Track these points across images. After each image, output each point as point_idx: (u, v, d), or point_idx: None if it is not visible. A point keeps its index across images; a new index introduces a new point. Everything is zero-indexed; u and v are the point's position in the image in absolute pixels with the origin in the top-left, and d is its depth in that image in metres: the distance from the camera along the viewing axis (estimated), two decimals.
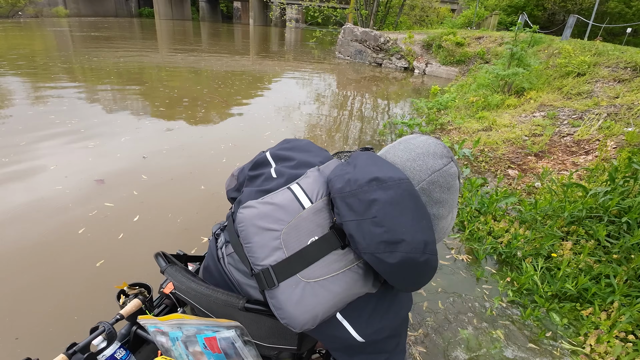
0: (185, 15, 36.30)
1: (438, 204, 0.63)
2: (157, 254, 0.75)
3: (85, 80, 6.40)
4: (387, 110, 6.28)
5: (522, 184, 2.99)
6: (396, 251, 0.53)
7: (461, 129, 4.48)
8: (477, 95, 5.46)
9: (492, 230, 2.37)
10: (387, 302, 0.63)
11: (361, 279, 0.59)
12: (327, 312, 0.57)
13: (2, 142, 3.43)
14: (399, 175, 0.58)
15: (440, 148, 0.63)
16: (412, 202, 0.57)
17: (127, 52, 10.31)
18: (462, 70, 9.45)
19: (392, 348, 0.65)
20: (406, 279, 0.57)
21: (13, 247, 2.08)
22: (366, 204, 0.56)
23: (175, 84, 6.59)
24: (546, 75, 5.47)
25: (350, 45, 12.93)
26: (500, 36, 9.52)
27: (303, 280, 0.58)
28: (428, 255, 0.55)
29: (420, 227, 0.56)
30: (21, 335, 1.56)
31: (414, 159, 0.62)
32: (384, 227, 0.54)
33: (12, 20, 21.24)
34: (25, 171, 2.94)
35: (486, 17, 14.81)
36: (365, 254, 0.56)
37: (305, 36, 24.09)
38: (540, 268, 1.98)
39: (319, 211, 0.63)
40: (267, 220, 0.62)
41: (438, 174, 0.61)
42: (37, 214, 2.40)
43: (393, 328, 0.63)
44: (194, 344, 0.69)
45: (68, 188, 2.72)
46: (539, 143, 3.57)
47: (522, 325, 1.78)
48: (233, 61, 10.42)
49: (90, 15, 29.36)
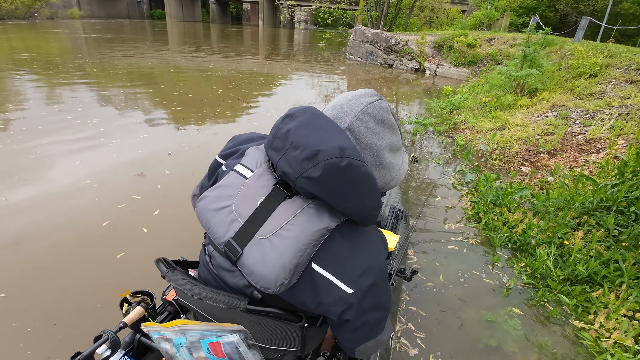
0: (195, 16, 36.79)
1: (376, 134, 0.66)
2: (157, 260, 0.74)
3: (101, 81, 6.69)
4: (400, 110, 6.43)
5: (535, 180, 3.13)
6: (317, 163, 0.55)
7: (474, 128, 4.62)
8: (490, 95, 5.59)
9: (507, 221, 2.52)
10: (357, 240, 0.63)
11: (315, 216, 0.59)
12: (295, 259, 0.57)
13: (25, 143, 3.54)
14: (305, 106, 0.66)
15: (371, 90, 0.69)
16: (321, 121, 0.62)
17: (141, 53, 10.65)
18: (473, 71, 9.54)
19: (383, 303, 0.64)
20: (347, 193, 0.57)
21: (41, 243, 2.16)
22: (283, 138, 0.61)
23: (190, 84, 6.83)
24: (558, 76, 5.58)
25: (361, 46, 13.10)
26: (512, 38, 9.59)
27: (262, 239, 0.60)
28: (349, 159, 0.55)
29: (333, 137, 0.58)
30: (57, 321, 1.66)
31: (349, 100, 0.67)
32: (301, 147, 0.57)
33: (28, 21, 21.92)
34: (52, 167, 3.12)
35: (497, 19, 14.82)
36: (297, 181, 0.58)
37: (315, 38, 24.33)
38: (553, 255, 2.13)
39: (261, 175, 0.67)
40: (218, 201, 0.67)
41: (370, 106, 0.65)
42: (66, 207, 2.54)
43: (374, 270, 0.62)
44: (198, 349, 0.68)
45: (96, 182, 2.88)
46: (551, 141, 3.70)
47: (536, 304, 1.94)
48: (244, 62, 10.68)
49: (103, 16, 30.02)
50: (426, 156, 3.98)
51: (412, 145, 4.36)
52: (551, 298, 1.95)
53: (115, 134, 3.99)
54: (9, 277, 1.88)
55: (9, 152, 3.35)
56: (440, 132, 4.76)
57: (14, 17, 22.02)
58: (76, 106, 4.89)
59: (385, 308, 0.66)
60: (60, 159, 3.28)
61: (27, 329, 1.60)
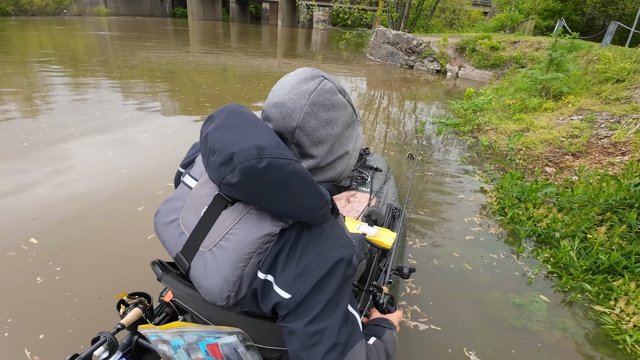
0: (216, 15, 37.47)
1: (329, 123, 0.59)
2: (153, 262, 0.73)
3: (129, 79, 7.06)
4: (423, 110, 6.56)
5: (559, 180, 3.25)
6: (234, 167, 0.51)
7: (498, 129, 4.73)
8: (514, 98, 5.67)
9: (532, 216, 2.67)
10: (306, 241, 0.57)
11: (256, 222, 0.56)
12: (237, 270, 0.55)
13: (55, 135, 3.71)
14: (225, 105, 0.61)
15: (309, 71, 0.61)
16: (237, 119, 0.57)
17: (165, 51, 11.09)
18: (496, 74, 9.55)
19: (333, 314, 0.56)
20: (275, 195, 0.52)
21: (85, 227, 2.31)
22: (204, 143, 0.59)
23: (214, 82, 7.13)
24: (585, 80, 5.61)
25: (382, 47, 13.21)
26: (537, 41, 9.54)
27: (205, 251, 0.58)
28: (268, 159, 0.50)
29: (250, 135, 0.53)
30: (103, 295, 1.78)
31: (289, 91, 0.59)
32: (217, 152, 0.54)
33: (57, 17, 22.92)
34: (90, 160, 3.27)
35: (521, 22, 14.66)
36: (220, 188, 0.55)
37: (334, 38, 24.50)
38: (577, 247, 2.28)
39: (204, 184, 0.63)
40: (168, 215, 0.66)
41: (315, 93, 0.58)
42: (105, 194, 2.72)
43: (318, 271, 0.55)
44: (196, 351, 0.68)
45: (132, 171, 3.09)
46: (576, 144, 3.79)
47: (560, 290, 2.09)
48: (266, 61, 10.98)
49: (127, 14, 31.00)
50: (451, 155, 4.13)
51: (414, 145, 4.52)
52: (574, 285, 2.10)
53: (147, 129, 4.19)
54: (63, 253, 2.06)
55: (41, 142, 3.67)
56: (464, 132, 4.90)
57: (44, 13, 23.09)
58: (114, 105, 5.24)
59: (338, 317, 0.56)
60: (96, 152, 3.45)
61: (75, 299, 1.75)
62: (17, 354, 1.45)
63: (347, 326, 0.57)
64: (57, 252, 2.05)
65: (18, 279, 1.84)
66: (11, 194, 2.60)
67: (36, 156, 3.23)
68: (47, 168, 3.02)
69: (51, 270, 1.91)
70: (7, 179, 2.80)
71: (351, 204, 2.06)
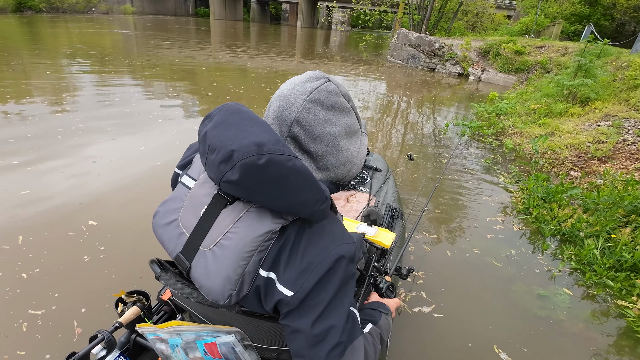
0: (237, 16, 38.18)
1: (327, 122, 0.60)
2: (152, 261, 0.72)
3: (159, 79, 7.40)
4: (445, 113, 6.63)
5: (585, 183, 3.31)
6: (234, 164, 0.51)
7: (523, 133, 4.78)
8: (540, 103, 5.69)
9: (557, 216, 2.76)
10: (308, 238, 0.58)
11: (256, 220, 0.56)
12: (239, 268, 0.55)
13: (87, 129, 3.88)
14: (224, 104, 0.61)
15: (317, 73, 0.63)
16: (236, 117, 0.57)
17: (190, 51, 11.48)
18: (520, 78, 9.48)
19: (338, 311, 0.57)
20: (275, 192, 0.52)
21: (124, 213, 2.49)
22: (203, 142, 0.59)
23: (240, 81, 7.39)
24: (613, 87, 5.57)
25: (404, 49, 13.27)
26: (564, 46, 9.43)
27: (206, 250, 0.58)
28: (268, 155, 0.50)
29: (249, 132, 0.53)
30: (143, 275, 1.89)
31: (293, 87, 0.61)
32: (216, 150, 0.54)
33: (86, 15, 23.95)
34: (122, 153, 3.51)
35: (547, 26, 14.41)
36: (221, 186, 0.56)
37: (353, 39, 24.57)
38: (601, 246, 2.37)
39: (203, 184, 0.64)
40: (167, 216, 0.66)
41: (316, 91, 0.59)
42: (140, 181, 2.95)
43: (321, 268, 0.55)
44: (194, 350, 0.68)
45: (165, 165, 3.25)
46: (602, 149, 3.83)
47: (583, 285, 2.20)
48: (289, 61, 11.22)
49: (152, 13, 32.02)
50: (474, 157, 4.23)
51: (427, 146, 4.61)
52: (597, 281, 2.19)
53: (177, 126, 4.36)
54: (108, 233, 2.24)
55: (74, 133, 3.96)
56: (487, 135, 4.97)
57: (74, 10, 24.20)
58: (143, 102, 5.54)
59: (343, 314, 0.57)
60: (130, 146, 3.62)
61: (112, 276, 1.89)
62: (66, 326, 1.60)
63: (349, 324, 0.58)
64: (103, 233, 2.25)
65: (69, 257, 2.02)
66: (63, 182, 2.81)
67: (73, 148, 3.43)
68: (86, 160, 3.20)
69: (96, 250, 2.09)
70: (55, 169, 3.00)
71: (350, 204, 2.06)
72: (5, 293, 1.74)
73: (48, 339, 1.53)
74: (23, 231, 2.19)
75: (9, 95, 4.87)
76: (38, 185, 2.72)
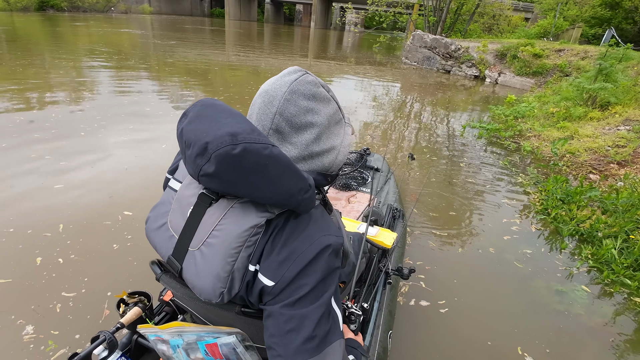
0: (251, 16, 38.69)
1: (309, 111, 0.61)
2: (152, 262, 0.72)
3: (179, 80, 7.64)
4: (462, 115, 6.68)
5: (604, 186, 3.35)
6: (209, 157, 0.50)
7: (541, 136, 4.81)
8: (558, 106, 5.69)
9: (575, 217, 2.83)
10: (292, 229, 0.57)
11: (240, 216, 0.56)
12: (227, 265, 0.55)
13: (108, 126, 4.03)
14: (199, 100, 0.62)
15: (294, 68, 0.64)
16: (210, 110, 0.57)
17: (207, 51, 11.74)
18: (538, 81, 9.42)
19: (315, 303, 0.55)
20: (255, 182, 0.52)
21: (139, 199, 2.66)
22: (180, 139, 0.59)
23: (259, 81, 7.57)
24: (634, 91, 5.54)
25: (419, 51, 13.29)
26: (584, 50, 9.33)
27: (194, 250, 0.59)
28: (243, 145, 0.49)
29: (223, 124, 0.53)
30: None
31: (273, 83, 0.62)
32: (192, 144, 0.54)
33: (106, 14, 24.69)
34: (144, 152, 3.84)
35: (566, 29, 14.22)
36: (200, 181, 0.55)
37: (367, 41, 24.59)
38: (619, 246, 2.43)
39: (188, 185, 0.64)
40: (157, 220, 0.68)
41: (295, 83, 0.60)
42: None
43: (304, 257, 0.55)
44: (195, 351, 0.68)
45: None
46: (622, 153, 3.85)
47: (601, 282, 2.27)
48: (305, 61, 11.38)
49: (169, 13, 32.73)
50: (491, 159, 4.29)
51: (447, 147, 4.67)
52: (614, 279, 2.26)
53: None
54: (137, 223, 2.42)
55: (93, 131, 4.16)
56: (505, 137, 5.01)
57: (94, 10, 25.00)
58: (163, 102, 5.76)
59: (320, 307, 0.55)
60: (152, 144, 3.89)
61: (134, 263, 2.01)
62: (94, 308, 1.71)
63: (327, 321, 0.56)
64: (133, 224, 2.39)
65: (100, 245, 2.16)
66: (93, 175, 2.98)
67: (98, 144, 3.60)
68: (113, 155, 3.37)
69: (125, 238, 2.22)
70: (85, 164, 3.16)
71: (351, 204, 2.07)
72: (43, 277, 1.87)
73: (78, 320, 1.64)
74: (65, 220, 2.35)
75: (32, 92, 5.12)
76: (72, 179, 2.88)
